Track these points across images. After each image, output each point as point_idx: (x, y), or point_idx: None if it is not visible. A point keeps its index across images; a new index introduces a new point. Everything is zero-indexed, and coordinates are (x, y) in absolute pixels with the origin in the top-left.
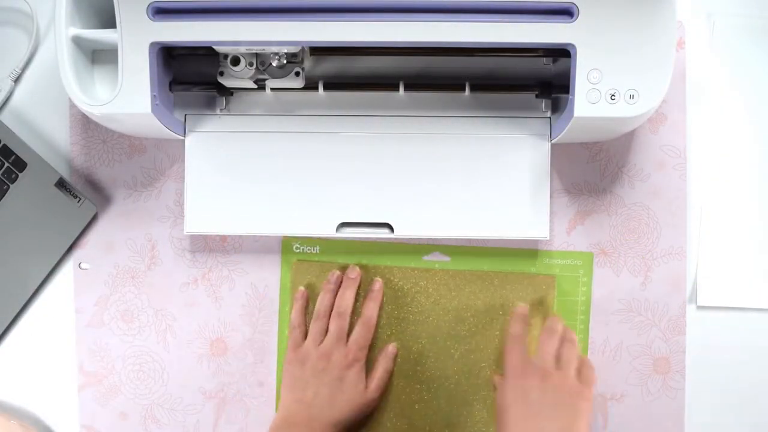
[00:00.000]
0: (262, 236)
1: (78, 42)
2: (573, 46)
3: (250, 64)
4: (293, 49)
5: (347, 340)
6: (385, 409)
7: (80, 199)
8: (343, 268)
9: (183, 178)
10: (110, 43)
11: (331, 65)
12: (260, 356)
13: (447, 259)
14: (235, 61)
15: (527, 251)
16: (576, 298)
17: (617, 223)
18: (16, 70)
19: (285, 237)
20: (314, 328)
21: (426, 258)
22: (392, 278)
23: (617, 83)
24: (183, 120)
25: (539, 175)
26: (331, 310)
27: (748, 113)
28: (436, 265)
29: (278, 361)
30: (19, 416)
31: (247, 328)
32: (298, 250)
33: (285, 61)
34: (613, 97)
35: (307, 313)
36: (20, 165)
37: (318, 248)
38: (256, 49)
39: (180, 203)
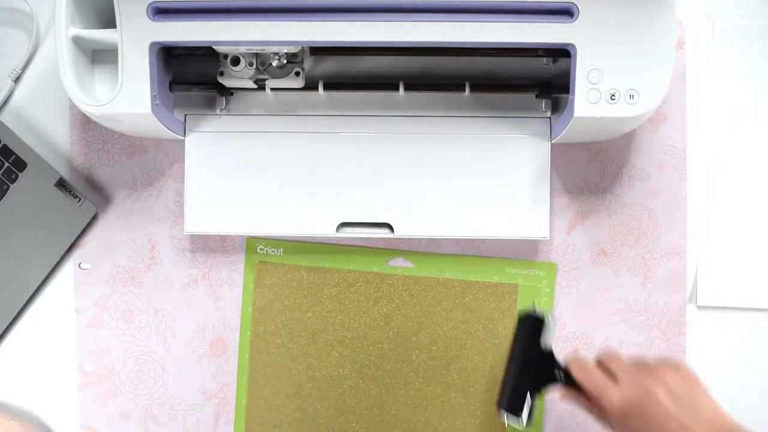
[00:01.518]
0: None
1: (78, 42)
2: (573, 46)
3: (250, 64)
4: (293, 49)
5: None
6: (345, 413)
7: (80, 199)
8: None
9: (183, 178)
10: (110, 43)
11: (331, 65)
12: None
13: (410, 265)
14: (235, 61)
15: (491, 260)
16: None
17: (617, 223)
18: (16, 70)
19: (249, 237)
20: None
21: (390, 263)
22: (355, 282)
23: (617, 83)
24: (183, 120)
25: (539, 175)
26: None
27: (749, 113)
28: (399, 271)
29: (239, 365)
30: (19, 416)
31: None
32: (261, 251)
33: (285, 61)
34: (613, 97)
35: (271, 315)
36: (20, 165)
37: (281, 250)
38: (256, 49)
39: (180, 203)
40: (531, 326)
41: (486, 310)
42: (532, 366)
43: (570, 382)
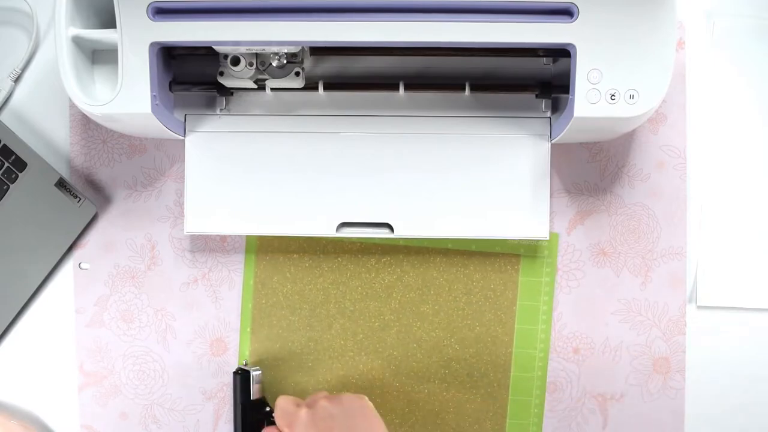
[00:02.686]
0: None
1: (78, 42)
2: (573, 46)
3: (250, 64)
4: (293, 49)
5: None
6: (346, 385)
7: (80, 199)
8: None
9: (183, 178)
10: (110, 43)
11: (331, 65)
12: None
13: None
14: (235, 61)
15: (483, 242)
16: (540, 278)
17: (617, 223)
18: (16, 70)
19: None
20: None
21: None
22: (356, 253)
23: (617, 83)
24: (183, 120)
25: (539, 175)
26: None
27: (749, 113)
28: (401, 242)
29: (240, 339)
30: (19, 416)
31: None
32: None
33: (285, 61)
34: (613, 97)
35: (273, 287)
36: (20, 165)
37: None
38: (256, 49)
39: (180, 203)
40: (242, 380)
41: (488, 281)
42: (248, 415)
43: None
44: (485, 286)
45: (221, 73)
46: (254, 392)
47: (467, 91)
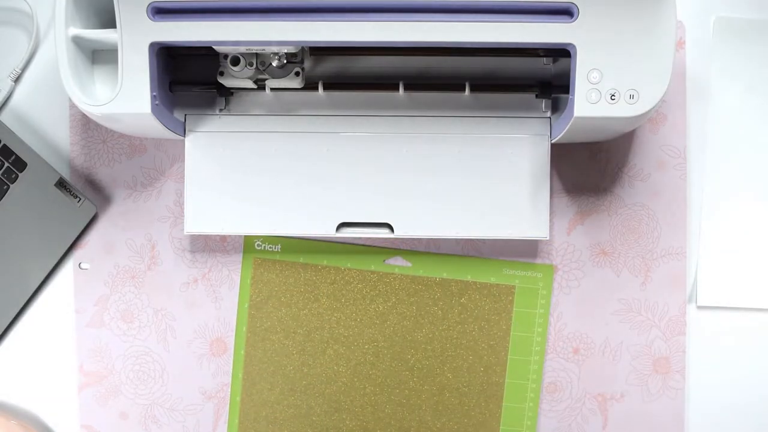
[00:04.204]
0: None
1: (78, 42)
2: (573, 46)
3: (250, 64)
4: (293, 49)
5: None
6: (339, 411)
7: (80, 199)
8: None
9: (183, 178)
10: (110, 43)
11: (331, 65)
12: None
13: (408, 264)
14: (235, 61)
15: (489, 261)
16: (534, 310)
17: (617, 223)
18: (16, 70)
19: (247, 235)
20: None
21: (388, 262)
22: (352, 281)
23: (617, 83)
24: (183, 120)
25: (539, 175)
26: None
27: (749, 113)
28: (397, 270)
29: (234, 360)
30: (19, 416)
31: None
32: (259, 248)
33: (285, 61)
34: (613, 97)
35: (268, 311)
36: (20, 165)
37: (279, 246)
38: (256, 49)
39: (180, 203)
40: None
41: (482, 311)
42: None
43: None
44: (479, 316)
45: (221, 73)
46: None
47: (467, 91)
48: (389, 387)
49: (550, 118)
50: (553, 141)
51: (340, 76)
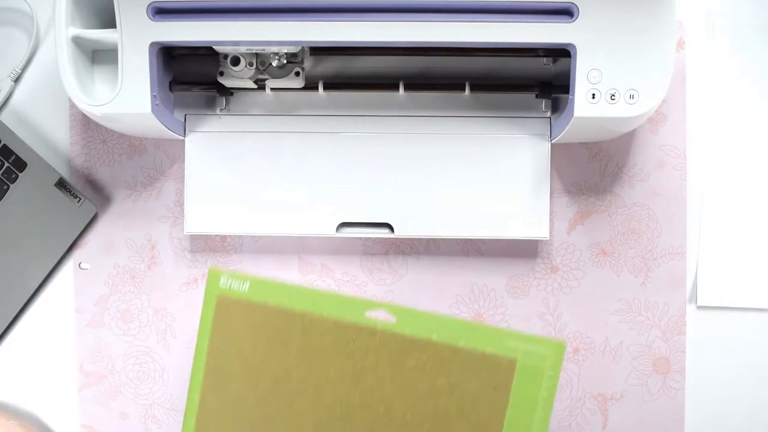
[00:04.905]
0: (261, 236)
1: (78, 42)
2: (573, 46)
3: (250, 64)
4: (293, 49)
5: None
6: None
7: (80, 199)
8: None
9: (183, 178)
10: (110, 43)
11: (331, 65)
12: None
13: (392, 319)
14: (235, 61)
15: (487, 327)
16: (537, 393)
17: (617, 223)
18: (16, 70)
19: (212, 268)
20: None
21: (369, 314)
22: (326, 331)
23: (617, 83)
24: (183, 120)
25: (539, 175)
26: None
27: (749, 113)
28: (379, 325)
29: (186, 409)
30: (19, 416)
31: None
32: (225, 285)
33: (285, 61)
34: (613, 97)
35: (229, 357)
36: (20, 165)
37: (247, 285)
38: (256, 49)
39: (180, 203)
40: None
41: (474, 384)
42: None
43: None
44: (470, 391)
45: (221, 73)
46: None
47: (467, 91)
48: None
49: (550, 118)
50: (553, 141)
51: (340, 76)
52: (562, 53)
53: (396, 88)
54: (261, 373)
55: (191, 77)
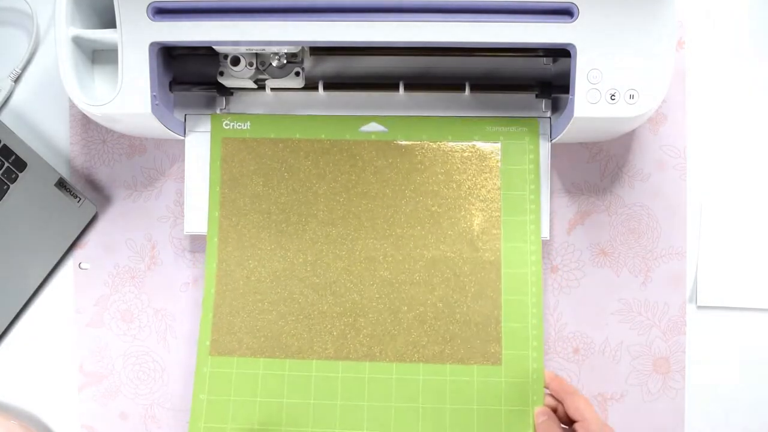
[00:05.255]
0: None
1: (78, 42)
2: (573, 46)
3: (250, 64)
4: (293, 49)
5: None
6: (321, 294)
7: (80, 199)
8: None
9: (183, 178)
10: (110, 43)
11: (331, 65)
12: None
13: (384, 129)
14: (235, 61)
15: (470, 120)
16: (523, 166)
17: (617, 223)
18: (16, 70)
19: (214, 114)
20: None
21: (362, 129)
22: (326, 151)
23: (617, 83)
24: (183, 120)
25: (539, 175)
26: None
27: (749, 113)
28: (373, 137)
29: (207, 250)
30: (19, 416)
31: None
32: (228, 127)
33: (285, 61)
34: (613, 97)
35: (240, 192)
36: (20, 165)
37: (248, 124)
38: (256, 49)
39: (180, 203)
40: None
41: (468, 173)
42: None
43: None
44: (465, 179)
45: (221, 73)
46: None
47: (467, 91)
48: (374, 263)
49: (550, 118)
50: (553, 141)
51: (340, 76)
52: (562, 53)
53: (396, 88)
54: (272, 202)
55: (191, 77)
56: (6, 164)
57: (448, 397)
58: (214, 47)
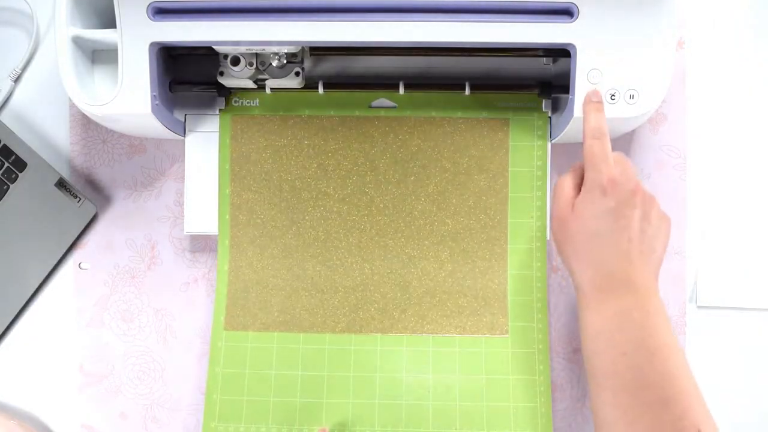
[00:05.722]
0: None
1: (78, 42)
2: (573, 46)
3: (250, 64)
4: (293, 49)
5: None
6: (332, 269)
7: (80, 199)
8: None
9: (183, 178)
10: (110, 43)
11: (331, 65)
12: None
13: (393, 105)
14: (235, 61)
15: (479, 95)
16: (532, 143)
17: None
18: (16, 70)
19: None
20: None
21: (372, 105)
22: (336, 127)
23: (617, 83)
24: (183, 120)
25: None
26: None
27: (748, 113)
28: (382, 113)
29: (219, 226)
30: (19, 416)
31: None
32: (236, 104)
33: (285, 61)
34: (613, 97)
35: (250, 168)
36: (20, 165)
37: (257, 101)
38: (256, 49)
39: (180, 203)
40: None
41: (476, 148)
42: None
43: None
44: (474, 153)
45: (221, 73)
46: None
47: (467, 91)
48: (385, 239)
49: (550, 118)
50: (553, 141)
51: (340, 76)
52: (562, 53)
53: (396, 88)
54: (282, 178)
55: (191, 77)
56: (6, 164)
57: (458, 368)
58: (214, 47)
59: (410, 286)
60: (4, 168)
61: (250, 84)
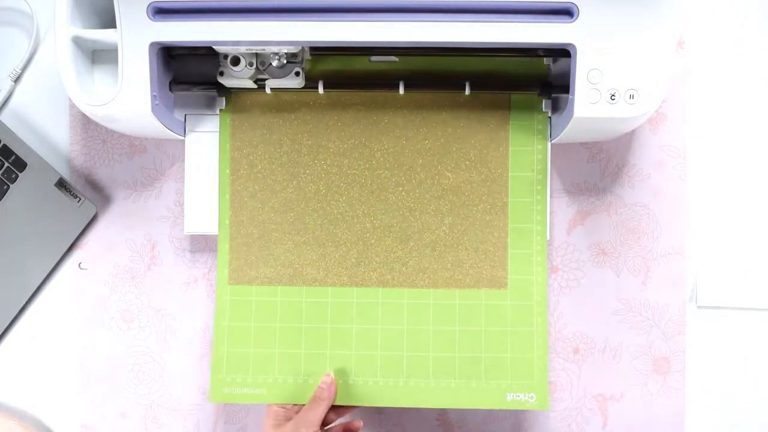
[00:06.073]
0: None
1: (78, 42)
2: (573, 46)
3: (250, 64)
4: (293, 49)
5: None
6: (333, 222)
7: (80, 199)
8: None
9: (183, 178)
10: (110, 43)
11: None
12: None
13: (394, 59)
14: (235, 61)
15: (483, 59)
16: (533, 96)
17: (617, 223)
18: (16, 70)
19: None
20: None
21: (373, 59)
22: (337, 99)
23: (617, 83)
24: (183, 120)
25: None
26: None
27: (749, 113)
28: (383, 66)
29: (220, 180)
30: (19, 416)
31: None
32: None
33: (285, 61)
34: (613, 97)
35: (252, 124)
36: (20, 165)
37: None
38: (256, 49)
39: (180, 203)
40: None
41: (477, 101)
42: None
43: None
44: (474, 107)
45: (221, 73)
46: None
47: (467, 91)
48: (386, 192)
49: (550, 118)
50: (553, 141)
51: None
52: (562, 53)
53: (396, 88)
54: (283, 133)
55: (191, 77)
56: (6, 164)
57: (458, 320)
58: (214, 47)
59: (411, 239)
60: (4, 168)
61: (250, 84)
